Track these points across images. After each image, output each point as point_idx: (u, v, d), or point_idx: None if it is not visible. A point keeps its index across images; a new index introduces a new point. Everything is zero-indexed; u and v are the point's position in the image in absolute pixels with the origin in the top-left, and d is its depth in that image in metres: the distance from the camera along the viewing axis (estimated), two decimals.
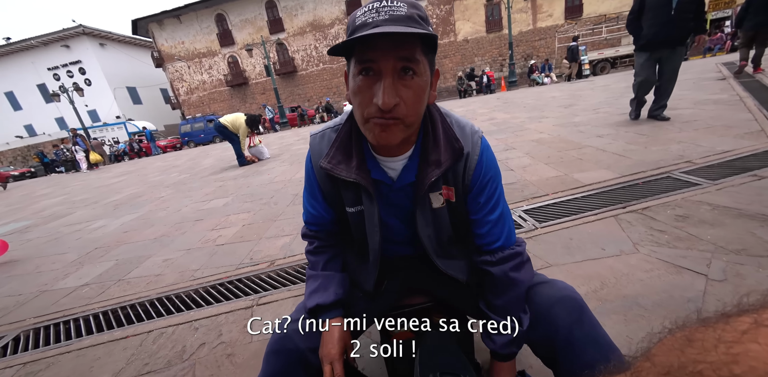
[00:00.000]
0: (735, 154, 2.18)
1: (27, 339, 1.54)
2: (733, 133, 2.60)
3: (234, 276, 1.76)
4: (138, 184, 6.14)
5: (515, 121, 5.21)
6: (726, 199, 1.61)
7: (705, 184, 1.82)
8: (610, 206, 1.79)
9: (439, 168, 0.62)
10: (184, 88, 25.09)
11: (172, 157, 11.91)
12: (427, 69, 0.54)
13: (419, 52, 0.52)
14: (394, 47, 0.50)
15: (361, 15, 0.51)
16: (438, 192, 0.65)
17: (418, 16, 0.51)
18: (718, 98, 3.95)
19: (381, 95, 0.51)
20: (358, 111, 0.56)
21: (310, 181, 0.73)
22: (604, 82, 9.13)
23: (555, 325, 0.61)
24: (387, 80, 0.51)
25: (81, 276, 2.16)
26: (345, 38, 0.51)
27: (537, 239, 1.59)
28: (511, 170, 2.71)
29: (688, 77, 6.33)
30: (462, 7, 21.26)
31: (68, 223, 3.82)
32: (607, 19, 18.51)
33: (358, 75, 0.53)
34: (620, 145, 2.87)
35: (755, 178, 1.79)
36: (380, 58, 0.50)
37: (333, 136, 0.67)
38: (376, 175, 0.65)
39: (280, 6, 22.49)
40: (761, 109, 3.09)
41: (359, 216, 0.68)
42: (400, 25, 0.49)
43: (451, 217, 0.69)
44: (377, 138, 0.55)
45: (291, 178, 3.95)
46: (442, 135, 0.63)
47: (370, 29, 0.48)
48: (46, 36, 24.60)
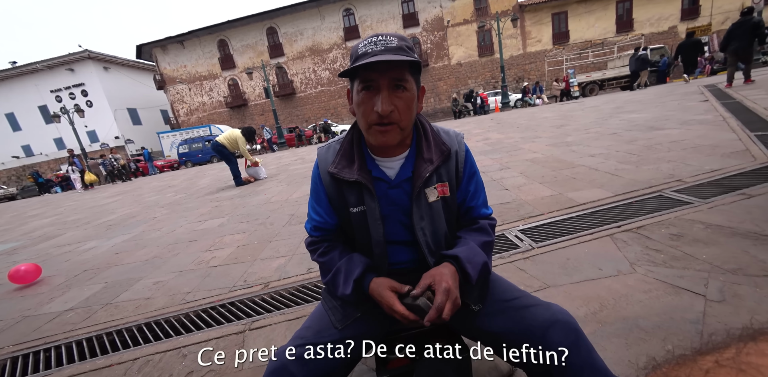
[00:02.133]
0: (723, 173, 2.22)
1: (2, 369, 1.46)
2: (720, 153, 2.67)
3: (226, 299, 1.71)
4: (132, 204, 6.09)
5: (509, 141, 5.32)
6: (718, 218, 1.63)
7: (696, 203, 1.85)
8: (605, 225, 1.80)
9: (432, 164, 0.73)
10: (184, 109, 25.58)
11: (168, 176, 11.90)
12: (413, 85, 0.68)
13: (407, 73, 0.66)
14: (388, 70, 0.64)
15: (362, 46, 0.66)
16: (432, 187, 0.75)
17: (406, 47, 0.66)
18: (703, 118, 4.09)
19: (380, 104, 0.64)
20: (362, 119, 0.69)
21: (316, 189, 0.80)
22: (593, 103, 9.44)
23: (551, 349, 0.60)
24: (384, 92, 0.65)
25: (67, 300, 2.08)
26: (348, 63, 0.67)
27: (534, 259, 1.58)
28: (506, 189, 2.74)
29: (674, 99, 6.59)
30: (455, 34, 22.33)
31: (58, 245, 3.74)
32: (592, 45, 19.47)
33: (361, 91, 0.67)
34: (612, 164, 2.93)
35: (744, 196, 1.82)
36: (378, 78, 0.64)
37: (337, 147, 0.78)
38: (376, 174, 0.75)
39: (281, 32, 23.50)
40: (744, 129, 3.20)
41: (362, 216, 0.76)
42: (392, 54, 0.63)
43: (445, 213, 0.78)
44: (378, 140, 0.69)
45: (287, 199, 3.94)
46: (432, 139, 0.76)
47: (371, 57, 0.62)
48: (51, 60, 25.29)
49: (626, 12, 21.07)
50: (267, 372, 0.66)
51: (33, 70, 25.71)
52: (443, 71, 22.87)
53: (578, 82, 15.32)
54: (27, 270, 2.50)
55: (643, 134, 3.87)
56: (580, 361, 0.59)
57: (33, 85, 26.19)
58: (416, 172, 0.73)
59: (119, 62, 27.62)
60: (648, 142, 3.47)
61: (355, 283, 0.72)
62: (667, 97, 7.23)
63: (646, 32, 20.45)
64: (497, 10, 20.74)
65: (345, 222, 0.80)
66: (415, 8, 22.24)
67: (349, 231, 0.81)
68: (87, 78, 25.73)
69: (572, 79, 15.23)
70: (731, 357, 0.67)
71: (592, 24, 21.33)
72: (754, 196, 1.80)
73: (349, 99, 0.74)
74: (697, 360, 0.19)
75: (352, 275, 0.73)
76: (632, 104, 7.16)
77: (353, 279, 0.72)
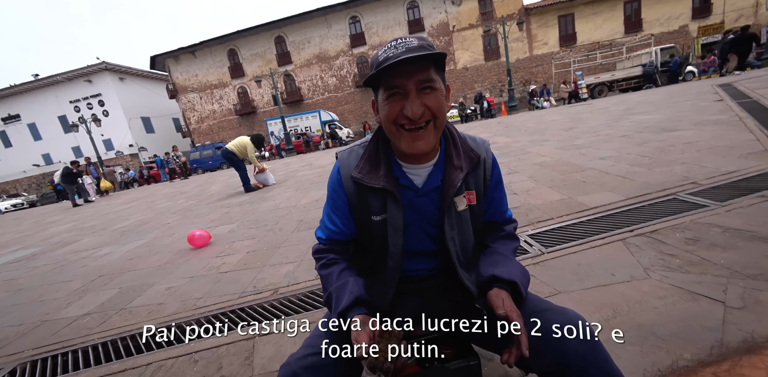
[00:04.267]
0: (741, 175, 2.16)
1: (24, 373, 1.50)
2: (737, 154, 2.60)
3: (236, 305, 1.73)
4: (145, 210, 6.23)
5: (517, 144, 5.29)
6: (737, 221, 1.58)
7: (713, 206, 1.80)
8: (617, 229, 1.76)
9: (461, 172, 0.71)
10: (195, 117, 26.19)
11: (180, 183, 12.15)
12: (441, 84, 0.67)
13: (433, 72, 0.64)
14: (413, 73, 0.62)
15: (382, 52, 0.64)
16: (462, 195, 0.73)
17: (427, 45, 0.64)
18: (717, 119, 3.99)
19: (410, 107, 0.63)
20: (392, 127, 0.67)
21: (335, 195, 0.77)
22: (602, 105, 9.32)
23: (565, 355, 0.59)
24: (412, 95, 0.63)
25: (83, 305, 2.13)
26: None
27: (544, 264, 1.56)
28: (515, 194, 2.71)
29: (687, 99, 6.46)
30: (460, 38, 22.42)
31: (75, 250, 3.84)
32: (600, 46, 19.29)
33: (387, 98, 0.65)
34: (623, 167, 2.88)
35: (764, 198, 1.76)
36: (405, 81, 0.63)
37: (360, 152, 0.75)
38: (403, 181, 0.73)
39: (289, 41, 23.97)
40: (762, 130, 3.11)
41: (383, 224, 0.73)
42: (415, 52, 0.61)
43: (472, 222, 0.77)
44: (410, 147, 0.66)
45: (296, 204, 3.98)
46: (461, 146, 0.74)
47: (393, 60, 0.60)
48: (71, 72, 26.30)
49: (635, 12, 20.84)
50: None
51: (53, 81, 26.75)
52: (449, 76, 22.91)
53: (586, 84, 15.16)
54: (201, 235, 2.96)
55: (655, 136, 3.80)
56: (597, 368, 0.57)
57: (53, 96, 27.23)
58: (447, 180, 0.71)
59: (134, 73, 28.54)
60: (660, 143, 3.41)
61: (339, 316, 0.68)
62: (679, 97, 7.09)
63: (656, 32, 20.16)
64: (502, 13, 20.79)
65: (363, 231, 0.77)
66: (421, 14, 22.44)
67: (366, 242, 0.78)
68: (104, 88, 26.64)
69: (580, 81, 15.09)
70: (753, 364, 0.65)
71: (600, 25, 21.14)
72: None
73: (374, 110, 0.72)
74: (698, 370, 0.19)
75: (338, 306, 0.68)
76: (643, 105, 7.05)
77: (338, 311, 0.68)
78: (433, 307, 0.79)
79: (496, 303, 0.64)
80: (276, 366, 1.21)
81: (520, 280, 0.68)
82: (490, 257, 0.75)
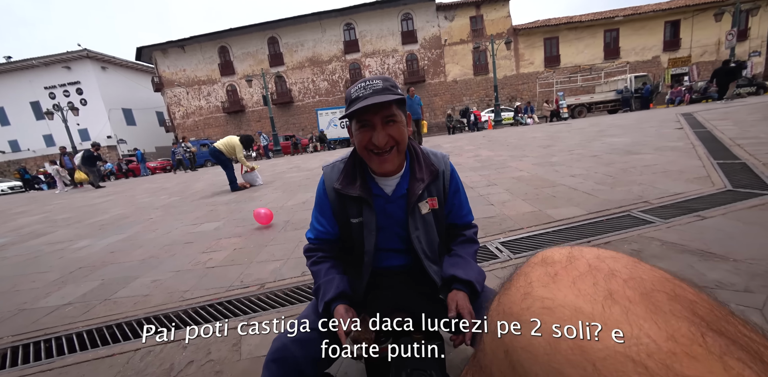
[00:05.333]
0: (684, 196, 2.45)
1: (4, 358, 1.52)
2: (685, 178, 2.92)
3: (224, 298, 1.81)
4: (125, 204, 6.09)
5: (498, 158, 5.58)
6: (673, 236, 1.83)
7: (658, 222, 2.05)
8: (577, 240, 1.98)
9: (423, 183, 0.87)
10: (180, 112, 25.58)
11: (162, 178, 11.84)
12: (402, 116, 0.82)
13: (395, 108, 0.80)
14: (379, 110, 0.78)
15: (354, 91, 0.80)
16: (424, 201, 0.89)
17: (390, 86, 0.79)
18: (674, 145, 4.41)
19: (377, 137, 0.79)
20: (364, 151, 0.82)
21: (321, 202, 0.93)
22: (580, 125, 9.90)
23: None
24: (378, 127, 0.79)
25: (64, 296, 2.14)
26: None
27: (511, 269, 1.74)
28: (492, 205, 2.92)
29: (652, 125, 7.00)
30: (451, 52, 23.16)
31: (49, 242, 3.75)
32: (581, 69, 20.45)
33: (359, 128, 0.81)
34: (590, 184, 3.15)
35: (699, 218, 2.03)
36: (372, 117, 0.79)
37: (341, 167, 0.92)
38: (375, 191, 0.89)
39: (282, 42, 24.01)
40: (709, 157, 3.49)
41: (360, 226, 0.89)
42: (380, 95, 0.77)
43: (436, 223, 0.91)
44: (378, 168, 0.83)
45: (283, 206, 4.05)
46: (423, 161, 0.90)
47: (362, 101, 0.76)
48: (48, 57, 25.22)
49: (613, 40, 22.30)
50: (270, 351, 0.78)
51: (28, 65, 25.54)
52: (439, 87, 23.56)
53: (567, 104, 16.03)
54: (266, 213, 3.14)
55: (621, 157, 4.15)
56: None
57: (27, 81, 25.96)
58: (410, 190, 0.87)
59: (117, 62, 27.67)
60: (624, 165, 3.74)
61: (325, 305, 0.82)
62: (647, 122, 7.67)
63: (632, 60, 21.60)
64: (492, 32, 21.72)
65: (345, 231, 0.92)
66: (414, 26, 23.08)
67: (347, 241, 0.93)
68: (83, 76, 25.66)
69: (562, 101, 15.93)
70: None
71: (582, 50, 22.44)
72: (707, 218, 2.01)
73: (350, 133, 0.88)
74: None
75: (325, 297, 0.82)
76: (615, 128, 7.57)
77: (324, 301, 0.81)
78: (405, 298, 0.94)
79: (450, 305, 0.78)
80: (263, 351, 1.32)
81: (476, 279, 0.83)
82: (452, 259, 0.91)
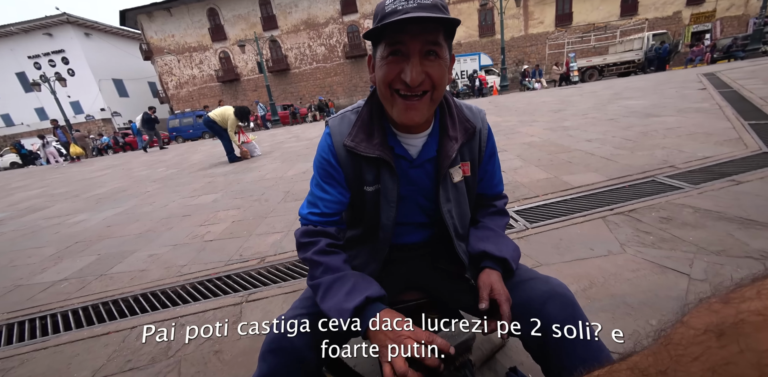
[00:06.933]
0: (715, 160, 2.26)
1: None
2: (713, 140, 2.70)
3: (223, 273, 1.73)
4: (122, 178, 5.96)
5: (507, 124, 5.29)
6: (707, 203, 1.67)
7: (687, 188, 1.89)
8: (598, 208, 1.83)
9: (456, 143, 0.68)
10: (173, 82, 24.56)
11: (159, 151, 11.61)
12: (447, 53, 0.60)
13: (442, 37, 0.58)
14: (421, 32, 0.56)
15: (390, 3, 0.56)
16: (457, 166, 0.71)
17: (441, 5, 0.57)
18: (699, 107, 4.10)
19: (409, 72, 0.57)
20: (386, 90, 0.61)
21: (323, 164, 0.71)
22: (592, 89, 9.36)
23: (548, 321, 0.62)
24: (414, 59, 0.57)
25: (60, 271, 2.08)
26: (373, 22, 0.58)
27: (528, 239, 1.62)
28: (504, 172, 2.73)
29: (672, 86, 6.56)
30: (456, 11, 21.46)
31: (46, 217, 3.67)
32: (595, 28, 19.01)
33: (387, 56, 0.59)
34: (608, 149, 2.94)
35: (733, 183, 1.86)
36: (409, 41, 0.56)
37: (353, 118, 0.70)
38: (398, 151, 0.69)
39: (274, 3, 22.28)
40: (739, 118, 3.22)
41: (375, 195, 0.70)
42: (428, 11, 0.54)
43: (468, 194, 0.75)
44: (401, 116, 0.62)
45: (282, 176, 3.90)
46: (457, 115, 0.70)
47: (401, 15, 0.53)
48: (27, 23, 23.68)
49: None
50: (266, 341, 0.66)
51: (7, 32, 24.10)
52: None
53: (578, 67, 15.12)
54: None
55: (640, 121, 3.88)
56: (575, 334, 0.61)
57: (8, 50, 24.66)
58: (442, 151, 0.68)
59: (102, 29, 26.05)
60: (644, 128, 3.49)
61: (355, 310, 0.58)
62: (665, 84, 7.19)
63: (650, 17, 19.96)
64: None
65: (357, 201, 0.73)
66: None
67: (357, 213, 0.75)
68: (67, 44, 24.28)
69: (572, 63, 15.00)
70: None
71: (597, 6, 20.67)
72: (743, 183, 1.84)
73: (370, 67, 0.66)
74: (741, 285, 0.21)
75: (365, 291, 0.61)
76: (631, 91, 7.12)
77: (366, 295, 0.60)
78: (421, 275, 0.81)
79: (482, 292, 0.64)
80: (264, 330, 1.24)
81: (511, 256, 0.69)
82: (481, 232, 0.75)
